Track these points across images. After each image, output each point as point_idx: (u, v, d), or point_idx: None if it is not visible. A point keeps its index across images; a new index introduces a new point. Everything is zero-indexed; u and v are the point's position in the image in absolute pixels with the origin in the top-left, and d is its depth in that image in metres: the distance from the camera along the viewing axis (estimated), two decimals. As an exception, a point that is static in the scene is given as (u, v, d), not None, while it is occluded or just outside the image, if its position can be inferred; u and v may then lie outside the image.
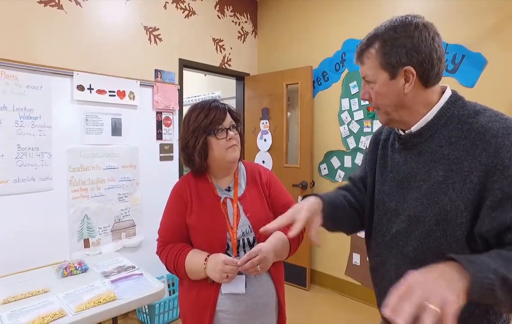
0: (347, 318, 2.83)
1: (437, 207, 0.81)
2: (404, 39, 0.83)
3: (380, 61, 0.85)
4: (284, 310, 1.34)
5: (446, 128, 0.84)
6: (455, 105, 0.85)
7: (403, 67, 0.83)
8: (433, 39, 0.83)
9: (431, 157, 0.85)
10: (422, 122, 0.87)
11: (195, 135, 1.22)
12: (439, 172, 0.82)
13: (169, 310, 2.65)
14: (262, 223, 1.25)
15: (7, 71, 2.14)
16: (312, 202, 0.93)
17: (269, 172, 1.42)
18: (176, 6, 3.09)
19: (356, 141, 3.08)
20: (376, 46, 0.86)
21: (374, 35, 0.87)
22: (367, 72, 0.89)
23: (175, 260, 1.22)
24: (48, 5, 2.33)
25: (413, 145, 0.89)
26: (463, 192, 0.77)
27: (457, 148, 0.80)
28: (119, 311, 1.57)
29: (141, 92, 2.83)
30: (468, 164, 0.77)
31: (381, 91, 0.87)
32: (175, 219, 1.28)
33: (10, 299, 1.56)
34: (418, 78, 0.84)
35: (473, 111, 0.83)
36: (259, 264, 1.14)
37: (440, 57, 0.84)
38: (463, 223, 0.78)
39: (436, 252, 0.82)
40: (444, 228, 0.80)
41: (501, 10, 2.30)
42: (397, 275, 0.89)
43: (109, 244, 2.64)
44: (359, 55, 0.91)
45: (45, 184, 2.32)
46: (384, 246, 0.95)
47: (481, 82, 2.40)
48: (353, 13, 3.07)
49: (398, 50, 0.83)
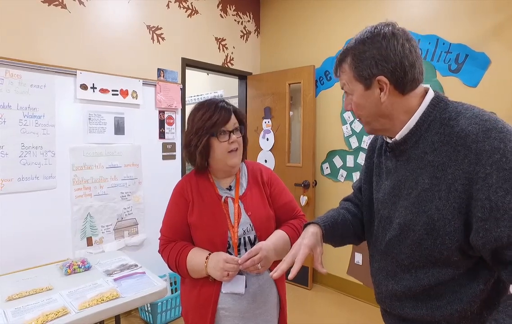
0: (349, 317, 2.83)
1: (425, 216, 0.81)
2: (372, 50, 0.83)
3: (353, 74, 0.87)
4: (285, 308, 1.35)
5: (429, 132, 0.83)
6: (437, 107, 0.84)
7: (375, 78, 0.84)
8: (403, 46, 0.82)
9: (418, 164, 0.85)
10: (405, 129, 0.87)
11: (198, 134, 1.22)
12: (425, 180, 0.82)
13: (171, 309, 2.66)
14: (263, 222, 1.27)
15: (11, 70, 2.16)
16: (310, 234, 0.95)
17: (270, 171, 1.43)
18: (179, 6, 3.10)
19: (359, 140, 3.07)
20: (348, 60, 0.88)
21: (345, 50, 0.89)
22: (344, 84, 0.91)
23: (176, 258, 1.23)
24: (51, 4, 2.34)
25: (401, 152, 0.89)
26: (449, 201, 0.77)
27: (440, 154, 0.80)
28: (122, 309, 1.58)
29: (144, 91, 2.84)
30: (451, 171, 0.77)
31: (359, 102, 0.89)
32: (176, 218, 1.28)
33: (14, 296, 1.57)
34: (393, 87, 0.84)
35: (455, 112, 0.81)
36: (260, 262, 1.15)
37: (413, 63, 0.83)
38: (452, 232, 0.78)
39: (428, 259, 0.83)
40: (434, 237, 0.80)
41: (505, 10, 2.29)
42: (395, 282, 0.91)
43: (112, 243, 2.65)
44: (335, 69, 0.94)
45: (48, 182, 2.34)
46: (381, 254, 0.96)
47: (484, 82, 2.39)
48: (356, 12, 3.06)
49: (368, 62, 0.84)
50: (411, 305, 0.88)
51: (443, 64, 2.55)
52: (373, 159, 1.05)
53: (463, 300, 0.81)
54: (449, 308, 0.83)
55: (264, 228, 1.27)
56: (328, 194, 3.34)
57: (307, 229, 0.99)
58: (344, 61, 0.89)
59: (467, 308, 0.82)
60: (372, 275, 1.03)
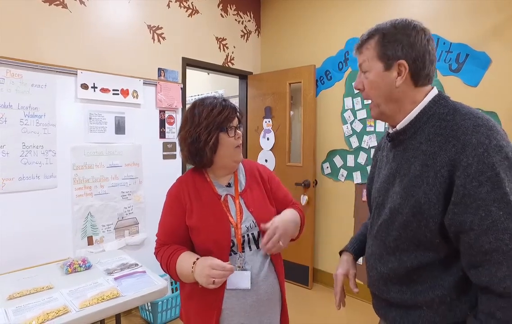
0: (349, 317, 2.83)
1: (413, 200, 0.86)
2: (401, 35, 0.90)
3: (377, 52, 0.92)
4: (286, 306, 1.35)
5: (427, 125, 0.89)
6: (438, 104, 0.90)
7: (397, 61, 0.89)
8: (428, 42, 0.90)
9: (413, 153, 0.90)
10: (406, 119, 0.92)
11: (208, 130, 1.21)
12: (417, 167, 0.87)
13: (171, 308, 2.67)
14: (265, 217, 1.25)
15: (12, 70, 2.16)
16: (343, 262, 1.14)
17: (267, 168, 1.44)
18: (179, 5, 3.10)
19: (359, 140, 3.07)
20: (376, 38, 0.93)
21: (375, 29, 0.94)
22: (364, 61, 0.95)
23: (167, 262, 1.22)
24: (52, 4, 2.35)
25: (399, 142, 0.95)
26: (435, 186, 0.82)
27: (433, 144, 0.85)
28: (122, 308, 1.59)
29: (145, 90, 2.84)
30: (440, 159, 0.83)
31: (375, 80, 0.93)
32: (172, 222, 1.26)
33: (15, 295, 1.58)
34: (410, 75, 0.90)
35: (452, 109, 0.87)
36: (280, 240, 1.17)
37: (433, 60, 0.91)
38: (436, 214, 0.83)
39: (413, 242, 0.89)
40: (419, 219, 0.85)
41: (506, 9, 2.29)
42: (381, 264, 0.97)
43: (113, 242, 2.66)
44: (359, 45, 0.98)
45: (49, 182, 2.34)
46: (373, 238, 1.02)
47: (485, 81, 2.39)
48: (356, 11, 3.06)
49: (395, 44, 0.90)
50: (396, 289, 0.94)
51: (444, 64, 2.55)
52: (377, 156, 1.13)
53: (444, 286, 0.86)
54: (431, 293, 0.87)
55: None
56: (329, 193, 3.34)
57: (341, 258, 1.17)
58: (372, 38, 0.93)
59: (447, 294, 0.86)
60: (366, 261, 1.09)
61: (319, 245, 3.43)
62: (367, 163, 3.02)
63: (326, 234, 3.39)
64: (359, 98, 3.05)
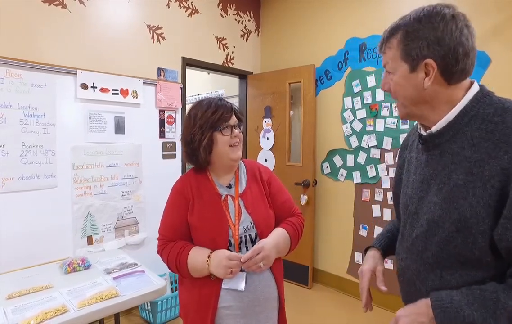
0: (349, 317, 2.83)
1: (457, 213, 0.76)
2: (427, 30, 0.78)
3: (400, 52, 0.82)
4: (284, 306, 1.35)
5: (469, 128, 0.78)
6: (481, 102, 0.80)
7: (423, 60, 0.79)
8: (461, 32, 0.77)
9: (452, 159, 0.80)
10: (443, 121, 0.81)
11: (201, 130, 1.23)
12: (460, 175, 0.77)
13: (171, 307, 2.67)
14: (263, 219, 1.27)
15: (12, 70, 2.17)
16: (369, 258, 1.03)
17: (269, 170, 1.44)
18: (179, 5, 3.10)
19: (359, 140, 3.07)
20: (398, 36, 0.83)
21: (397, 25, 0.84)
22: (387, 62, 0.87)
23: (177, 258, 1.22)
24: (52, 4, 2.35)
25: (434, 146, 0.84)
26: (484, 198, 0.73)
27: (479, 150, 0.75)
28: (120, 307, 1.59)
29: (144, 90, 2.84)
30: (489, 167, 0.73)
31: (400, 83, 0.84)
32: (176, 217, 1.28)
33: (14, 295, 1.59)
34: (440, 73, 0.79)
35: (501, 108, 0.77)
36: (262, 261, 1.17)
37: (467, 52, 0.78)
38: (485, 230, 0.73)
39: (458, 259, 0.79)
40: (465, 235, 0.76)
41: (506, 9, 2.28)
42: (420, 281, 0.87)
43: (112, 241, 2.66)
44: (381, 44, 0.88)
45: (49, 181, 2.35)
46: (407, 251, 0.92)
47: (484, 81, 2.38)
48: (356, 11, 3.06)
49: (419, 42, 0.79)
50: None
51: (443, 63, 2.54)
52: (404, 156, 1.02)
53: None
54: None
55: (265, 226, 1.28)
56: (328, 193, 3.34)
57: (366, 254, 1.06)
58: (394, 36, 0.84)
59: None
60: (398, 275, 1.00)
61: (319, 245, 3.43)
62: (367, 162, 3.02)
63: (325, 234, 3.39)
64: (359, 97, 3.05)
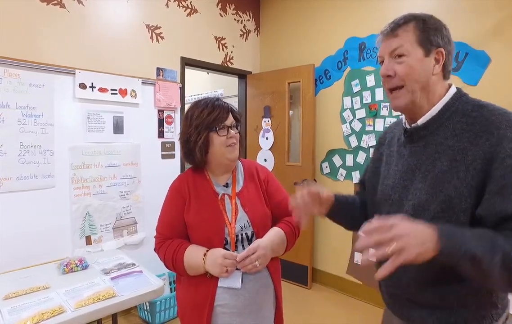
0: (348, 317, 2.82)
1: (442, 195, 0.85)
2: (440, 26, 0.92)
3: (418, 36, 0.90)
4: (281, 306, 1.35)
5: (451, 121, 0.89)
6: (459, 100, 0.92)
7: (437, 48, 0.90)
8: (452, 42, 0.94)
9: (436, 149, 0.89)
10: (428, 115, 0.92)
11: (197, 130, 1.24)
12: (444, 162, 0.87)
13: (170, 308, 2.67)
14: (260, 218, 1.28)
15: (10, 69, 2.16)
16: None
17: (266, 169, 1.44)
18: (178, 5, 3.10)
19: (358, 139, 3.06)
20: (414, 23, 0.92)
21: (411, 15, 0.94)
22: (401, 44, 0.91)
23: (173, 256, 1.23)
24: (50, 4, 2.34)
25: (419, 138, 0.94)
26: (467, 179, 0.82)
27: (461, 140, 0.86)
28: (118, 307, 1.58)
29: (143, 90, 2.84)
30: (471, 153, 0.83)
31: (415, 66, 0.90)
32: (173, 216, 1.29)
33: (11, 295, 1.58)
34: (443, 66, 0.91)
35: (477, 105, 0.89)
36: (258, 260, 1.17)
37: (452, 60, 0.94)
38: (467, 208, 0.82)
39: None
40: (449, 214, 0.84)
41: (505, 8, 2.27)
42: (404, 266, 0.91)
43: (111, 241, 2.66)
44: (394, 28, 0.93)
45: (47, 181, 2.34)
46: None
47: (484, 80, 2.37)
48: (355, 11, 3.05)
49: (436, 32, 0.91)
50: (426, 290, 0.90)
51: (443, 63, 2.54)
52: (381, 150, 1.11)
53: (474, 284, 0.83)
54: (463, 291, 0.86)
55: (261, 225, 1.28)
56: (328, 193, 3.33)
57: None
58: (411, 21, 0.92)
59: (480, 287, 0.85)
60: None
61: (318, 245, 3.42)
62: (366, 162, 3.01)
63: (325, 234, 3.38)
64: (358, 97, 3.04)
